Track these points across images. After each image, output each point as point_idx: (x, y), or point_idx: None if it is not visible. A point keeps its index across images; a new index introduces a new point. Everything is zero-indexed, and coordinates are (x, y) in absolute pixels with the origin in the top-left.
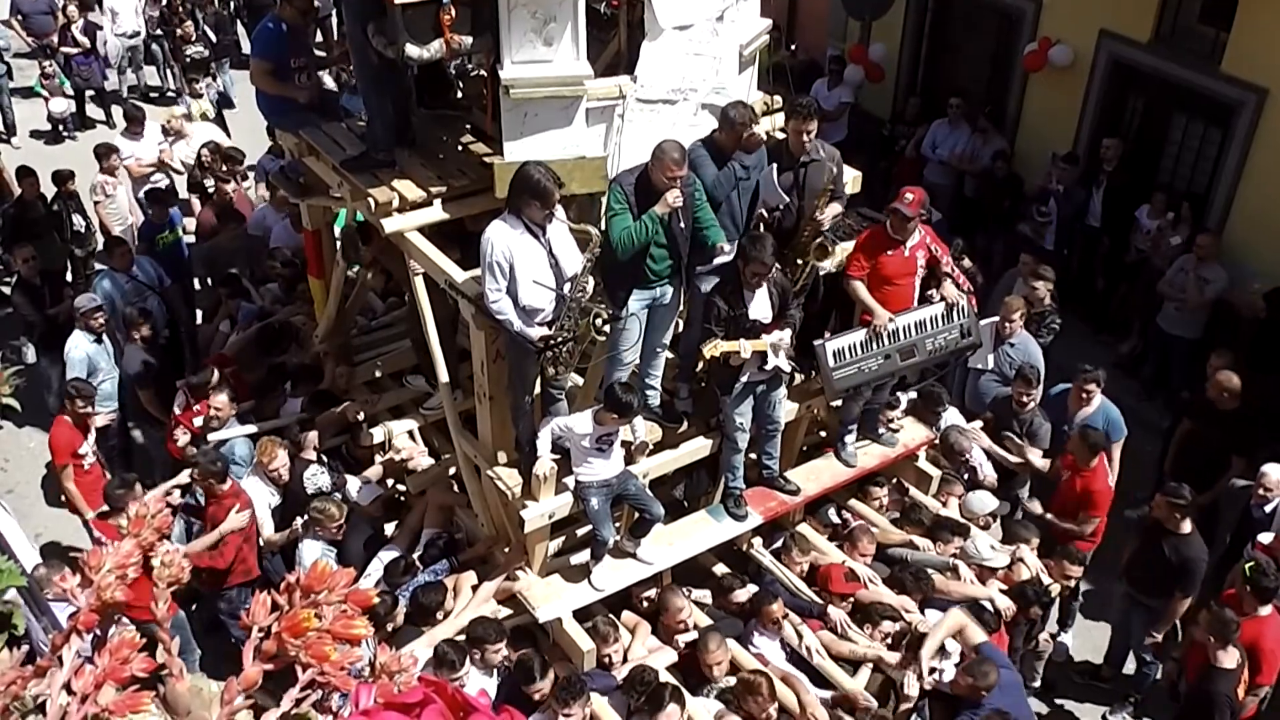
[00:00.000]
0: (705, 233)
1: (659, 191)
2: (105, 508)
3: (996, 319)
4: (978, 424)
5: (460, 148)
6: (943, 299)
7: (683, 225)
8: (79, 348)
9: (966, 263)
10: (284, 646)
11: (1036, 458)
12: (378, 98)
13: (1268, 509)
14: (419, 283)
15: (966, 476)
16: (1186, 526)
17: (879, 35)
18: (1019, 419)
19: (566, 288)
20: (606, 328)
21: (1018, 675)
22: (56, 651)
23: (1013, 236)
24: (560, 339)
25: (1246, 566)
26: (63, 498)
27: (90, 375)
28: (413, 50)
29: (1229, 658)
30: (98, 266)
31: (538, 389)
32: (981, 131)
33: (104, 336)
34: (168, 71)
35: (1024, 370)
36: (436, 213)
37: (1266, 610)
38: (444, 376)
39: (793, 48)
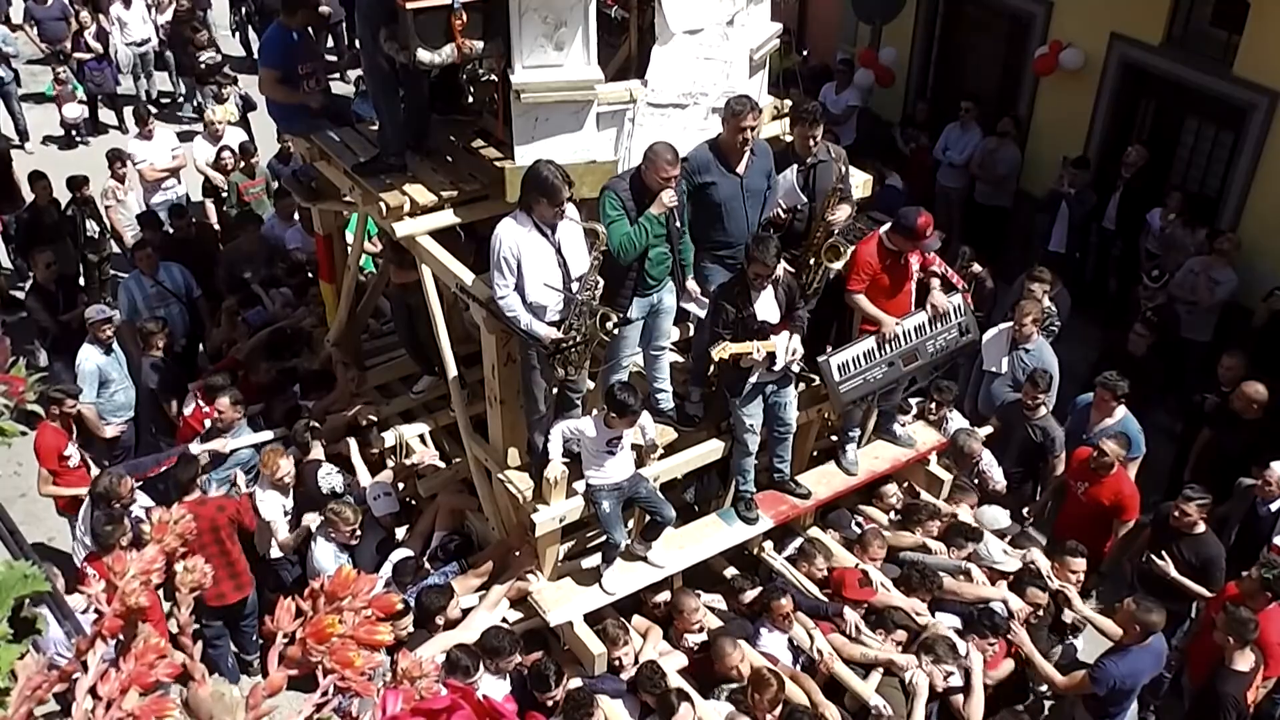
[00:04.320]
0: (682, 260)
1: (653, 193)
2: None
3: (1010, 324)
4: (988, 429)
5: (471, 152)
6: (931, 305)
7: (679, 224)
8: (89, 360)
9: (976, 268)
10: (308, 652)
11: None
12: (388, 102)
13: (1274, 506)
14: (429, 285)
15: (976, 482)
16: (1200, 526)
17: (889, 39)
18: (1031, 425)
19: (575, 287)
20: (616, 330)
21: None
22: (81, 656)
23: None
24: (570, 340)
25: (1262, 571)
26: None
27: (102, 387)
28: (424, 55)
29: (1244, 660)
30: (112, 272)
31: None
32: (1000, 135)
33: (114, 347)
34: (179, 79)
35: (1035, 374)
36: (448, 217)
37: (1270, 606)
38: (452, 372)
39: (804, 53)
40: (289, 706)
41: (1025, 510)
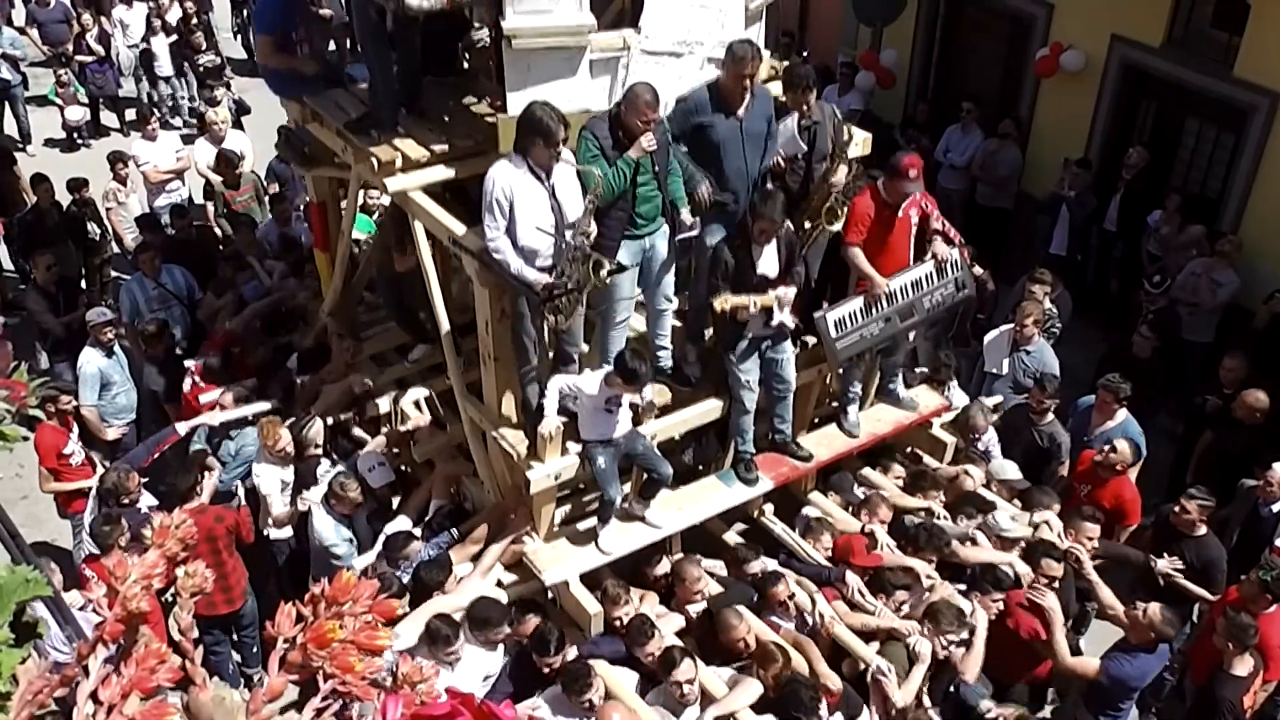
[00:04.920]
0: (672, 198)
1: (633, 136)
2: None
3: (1011, 326)
4: (997, 398)
5: (464, 110)
6: (934, 255)
7: (656, 168)
8: (91, 363)
9: (978, 270)
10: (309, 657)
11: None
12: (379, 58)
13: (1276, 507)
14: (422, 241)
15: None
16: (1201, 528)
17: (890, 41)
18: (1037, 429)
19: (568, 234)
20: (609, 278)
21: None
22: (83, 661)
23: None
24: (562, 286)
25: (1261, 574)
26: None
27: (104, 389)
28: (413, 2)
29: (1243, 665)
30: (113, 274)
31: (549, 351)
32: (1001, 137)
33: (116, 349)
34: (180, 80)
35: (1043, 379)
36: (440, 172)
37: (1271, 609)
38: (445, 327)
39: (804, 54)
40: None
41: None
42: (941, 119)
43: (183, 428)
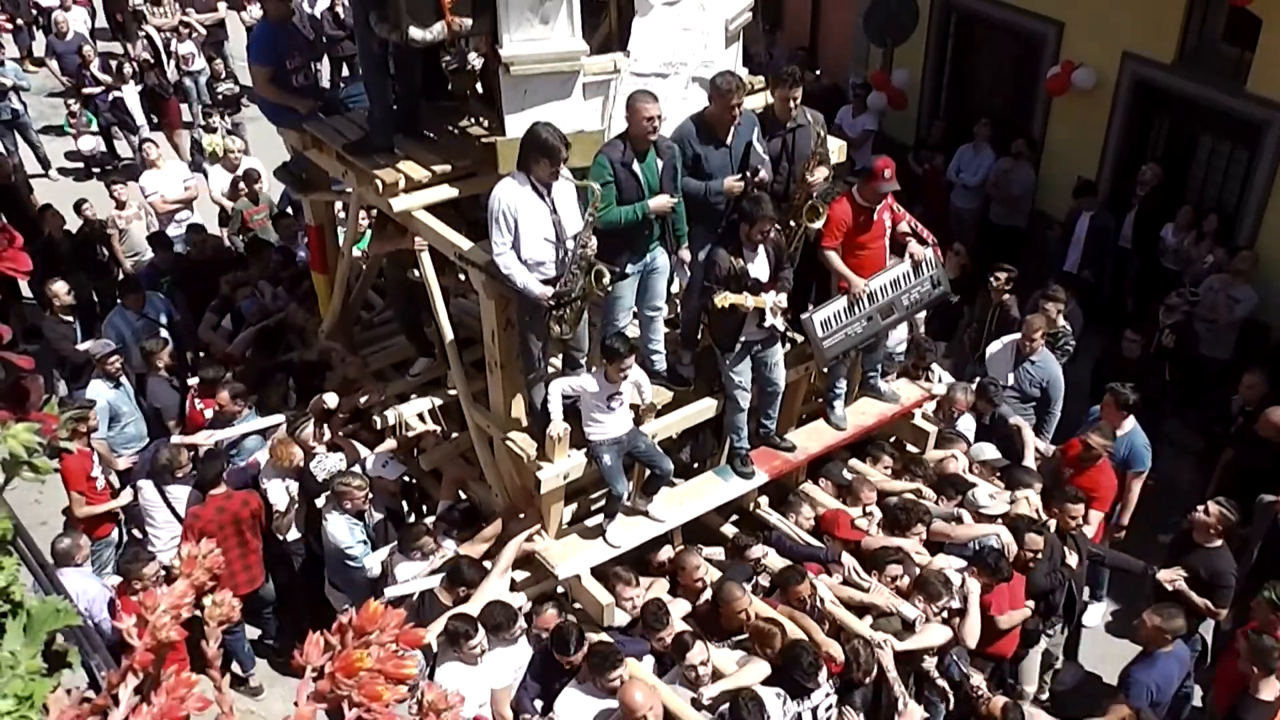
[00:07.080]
0: (676, 231)
1: (643, 140)
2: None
3: (1014, 338)
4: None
5: (458, 133)
6: (910, 255)
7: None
8: (100, 396)
9: (1006, 297)
10: (337, 686)
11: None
12: (379, 86)
13: None
14: (424, 257)
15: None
16: (1217, 540)
17: (901, 61)
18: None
19: (569, 245)
20: (610, 287)
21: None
22: (112, 690)
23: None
24: (566, 297)
25: (1265, 593)
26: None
27: (114, 421)
28: (416, 33)
29: (1270, 689)
30: (119, 302)
31: (557, 360)
32: (1014, 156)
33: (122, 380)
34: (197, 108)
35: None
36: (444, 191)
37: None
38: (449, 337)
39: (817, 73)
40: None
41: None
42: (956, 138)
43: (176, 439)
